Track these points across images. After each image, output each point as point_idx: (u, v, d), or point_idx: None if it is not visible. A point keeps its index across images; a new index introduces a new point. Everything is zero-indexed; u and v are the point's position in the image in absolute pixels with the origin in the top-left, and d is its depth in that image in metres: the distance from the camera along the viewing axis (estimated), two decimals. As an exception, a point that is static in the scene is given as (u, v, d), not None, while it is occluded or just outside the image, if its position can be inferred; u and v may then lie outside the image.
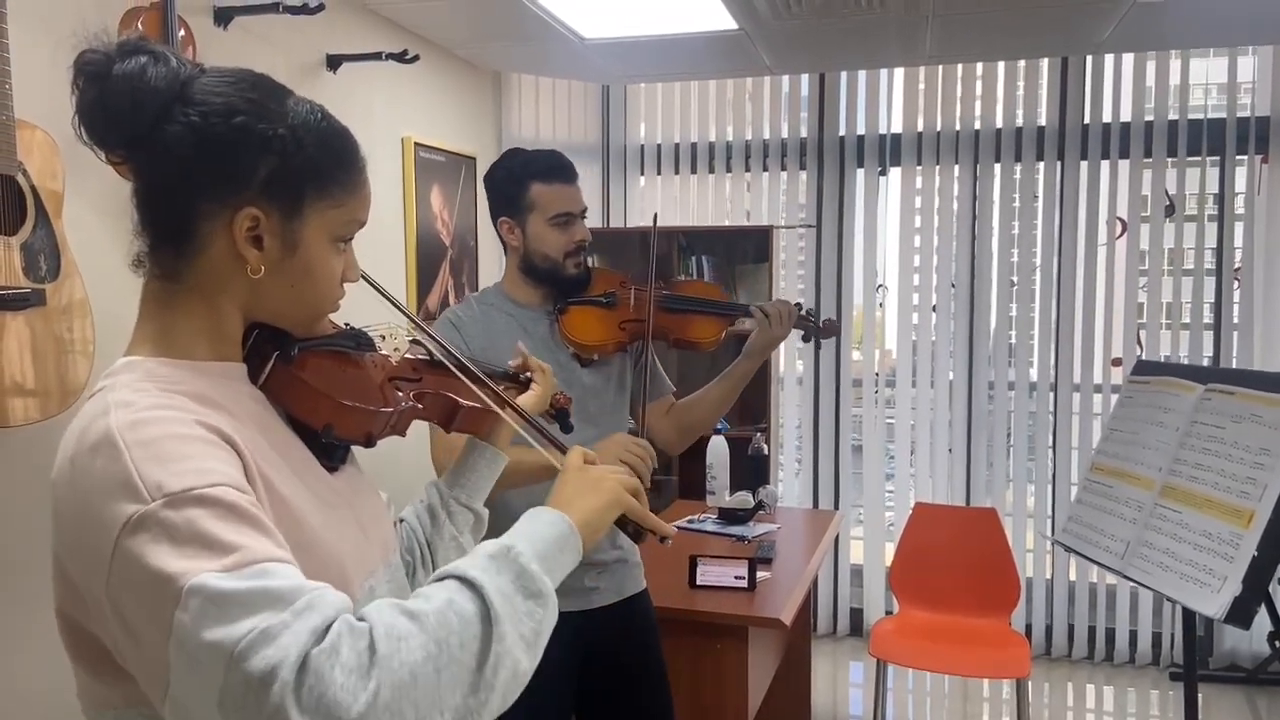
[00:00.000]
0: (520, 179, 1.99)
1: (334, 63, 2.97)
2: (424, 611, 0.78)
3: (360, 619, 0.76)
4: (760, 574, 2.65)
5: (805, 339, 2.16)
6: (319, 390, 0.97)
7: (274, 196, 0.91)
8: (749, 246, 4.14)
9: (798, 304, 2.11)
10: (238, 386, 0.95)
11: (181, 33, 2.21)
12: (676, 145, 4.42)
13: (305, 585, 0.75)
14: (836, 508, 4.29)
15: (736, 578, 2.49)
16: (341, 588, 0.94)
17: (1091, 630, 4.11)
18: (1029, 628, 4.09)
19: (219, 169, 0.89)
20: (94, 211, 2.03)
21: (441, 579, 0.84)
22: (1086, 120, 3.99)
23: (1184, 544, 1.72)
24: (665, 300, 2.08)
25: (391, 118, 3.33)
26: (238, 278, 0.93)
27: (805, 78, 4.25)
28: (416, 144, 3.41)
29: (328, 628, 0.73)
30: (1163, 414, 1.90)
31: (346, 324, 1.08)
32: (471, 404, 1.16)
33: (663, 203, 4.48)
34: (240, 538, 0.76)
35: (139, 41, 0.90)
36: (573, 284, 2.02)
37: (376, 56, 3.00)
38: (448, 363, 1.14)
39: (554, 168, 2.00)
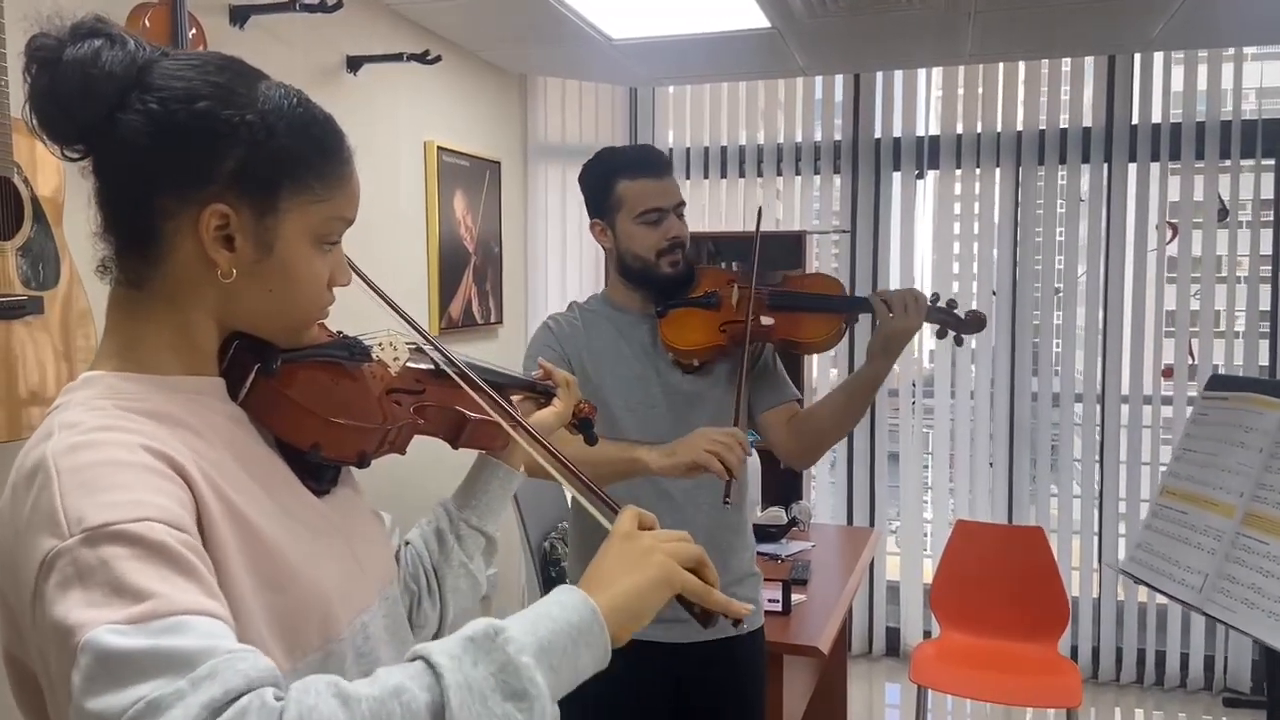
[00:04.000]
0: (606, 176, 1.85)
1: (354, 64, 2.90)
2: (360, 696, 0.65)
3: (279, 697, 0.64)
4: (795, 596, 2.53)
5: (941, 334, 1.86)
6: (304, 406, 0.87)
7: (244, 191, 0.82)
8: (781, 253, 4.01)
9: (933, 295, 1.83)
10: (210, 404, 0.85)
11: (193, 31, 2.14)
12: (706, 149, 4.30)
13: (217, 648, 0.64)
14: (872, 524, 4.14)
15: (771, 601, 2.37)
16: (326, 625, 0.84)
17: (1141, 653, 3.93)
18: (1075, 650, 3.92)
19: (181, 161, 0.80)
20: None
21: (412, 658, 0.71)
22: (1135, 121, 3.83)
23: (1272, 579, 1.56)
24: (771, 297, 1.87)
25: (414, 121, 3.25)
26: (208, 283, 0.83)
27: (839, 79, 4.12)
28: (440, 148, 3.32)
29: (230, 701, 0.61)
30: (1244, 433, 1.74)
31: (339, 332, 0.98)
32: (481, 417, 1.05)
33: (691, 208, 4.36)
34: (159, 584, 0.65)
35: (95, 23, 0.81)
36: (671, 284, 1.85)
37: (398, 58, 2.93)
38: (451, 372, 1.03)
39: (639, 161, 1.86)
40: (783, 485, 3.36)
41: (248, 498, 0.81)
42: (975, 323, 1.86)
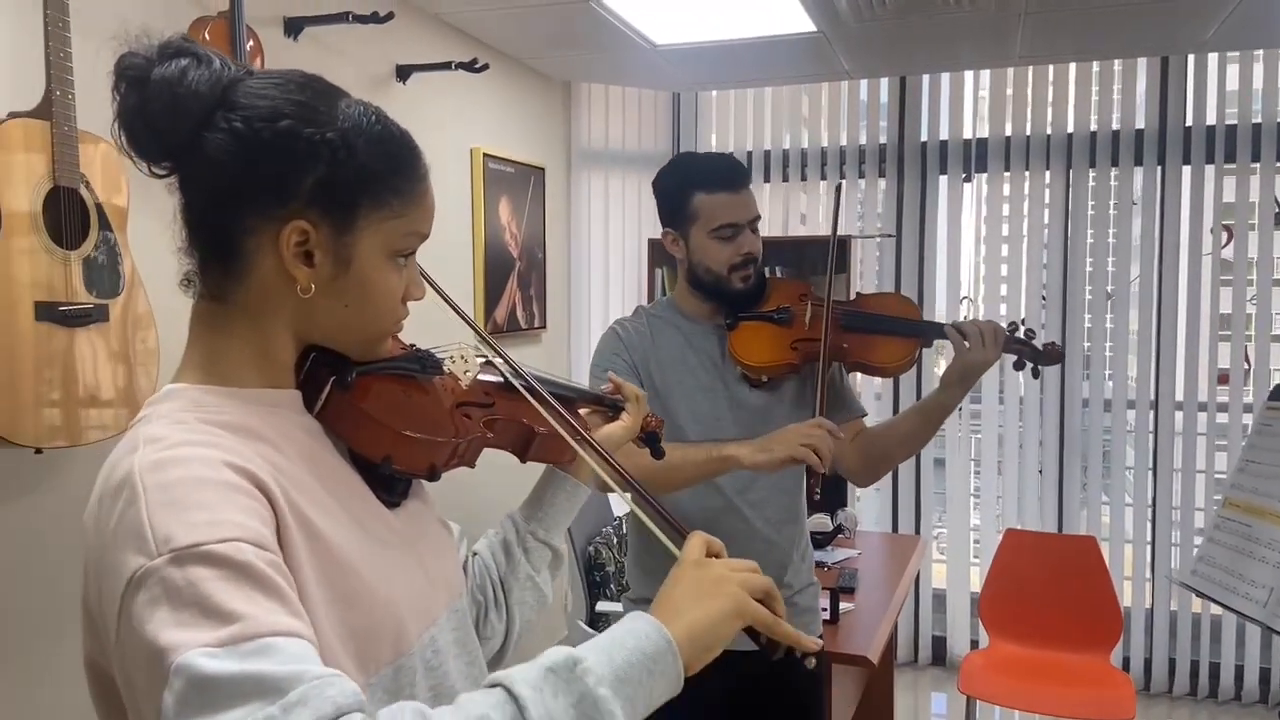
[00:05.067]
0: (682, 187, 1.81)
1: (404, 73, 2.93)
2: None
3: None
4: (843, 605, 2.51)
5: (1018, 365, 1.83)
6: (377, 419, 0.87)
7: (324, 208, 0.83)
8: (823, 257, 3.98)
9: (1011, 324, 1.79)
10: (287, 416, 0.86)
11: (250, 43, 2.17)
12: (749, 153, 4.29)
13: (307, 672, 0.65)
14: (917, 531, 4.10)
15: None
16: (398, 639, 0.85)
17: (1194, 665, 3.85)
18: (1126, 661, 3.85)
19: (263, 178, 0.81)
20: (160, 224, 1.99)
21: (492, 685, 0.72)
22: (1189, 122, 3.75)
23: (1344, 595, 1.52)
24: (846, 317, 1.84)
25: (461, 128, 3.28)
26: (288, 298, 0.84)
27: (884, 82, 4.09)
28: (485, 155, 3.35)
29: None
30: (1311, 445, 1.70)
31: (412, 345, 0.99)
32: (549, 430, 1.06)
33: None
34: (246, 605, 0.67)
35: (182, 43, 0.82)
36: (741, 298, 1.83)
37: (446, 66, 2.95)
38: (519, 385, 1.03)
39: (718, 174, 1.80)
40: (828, 492, 3.33)
41: (322, 511, 0.81)
42: (1053, 355, 1.82)
